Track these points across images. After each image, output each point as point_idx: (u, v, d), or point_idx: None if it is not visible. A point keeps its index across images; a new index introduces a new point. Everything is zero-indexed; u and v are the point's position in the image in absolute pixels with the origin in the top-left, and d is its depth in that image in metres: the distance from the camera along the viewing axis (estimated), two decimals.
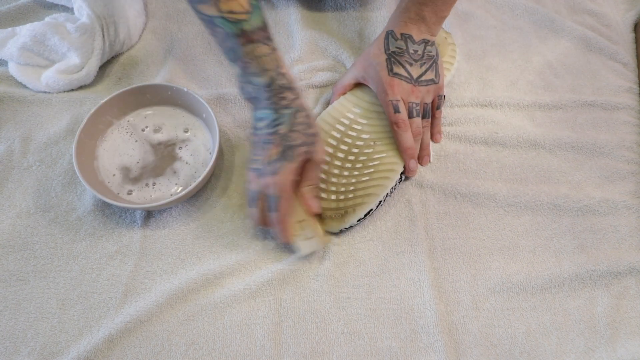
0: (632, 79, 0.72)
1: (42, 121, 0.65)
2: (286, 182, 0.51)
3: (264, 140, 0.52)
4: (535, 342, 0.52)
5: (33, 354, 0.50)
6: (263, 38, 0.51)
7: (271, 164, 0.51)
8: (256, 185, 0.53)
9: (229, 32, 0.50)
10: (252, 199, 0.54)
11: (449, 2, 0.60)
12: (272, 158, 0.51)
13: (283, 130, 0.52)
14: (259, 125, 0.53)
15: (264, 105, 0.52)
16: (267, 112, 0.52)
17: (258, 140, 0.53)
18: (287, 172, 0.51)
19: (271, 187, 0.51)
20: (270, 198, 0.52)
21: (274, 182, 0.51)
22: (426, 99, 0.61)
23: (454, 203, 0.60)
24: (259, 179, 0.52)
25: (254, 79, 0.52)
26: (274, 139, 0.52)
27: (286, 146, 0.51)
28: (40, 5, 0.75)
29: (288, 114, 0.52)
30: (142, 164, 0.60)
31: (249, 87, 0.53)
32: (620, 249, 0.58)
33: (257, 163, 0.53)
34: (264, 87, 0.52)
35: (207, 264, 0.55)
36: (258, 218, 0.54)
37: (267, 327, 0.52)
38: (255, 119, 0.54)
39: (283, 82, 0.52)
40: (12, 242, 0.56)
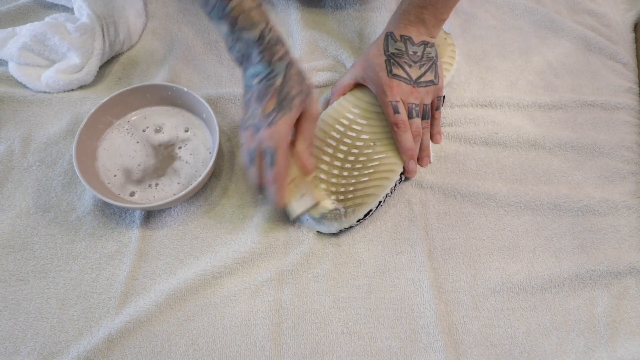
0: (632, 79, 0.72)
1: (42, 121, 0.65)
2: (283, 133, 0.50)
3: (259, 94, 0.51)
4: (535, 342, 0.52)
5: (33, 354, 0.50)
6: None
7: (268, 116, 0.50)
8: (252, 142, 0.52)
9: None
10: (249, 159, 0.53)
11: (449, 5, 0.60)
12: (269, 110, 0.50)
13: (279, 82, 0.51)
14: (252, 83, 0.52)
15: (257, 60, 0.51)
16: (261, 67, 0.51)
17: (252, 96, 0.52)
18: (284, 122, 0.50)
19: (268, 139, 0.50)
20: (268, 152, 0.51)
21: (271, 134, 0.50)
22: (425, 100, 0.61)
23: (454, 203, 0.60)
24: (256, 134, 0.51)
25: (243, 34, 0.51)
26: (270, 91, 0.51)
27: (282, 97, 0.50)
28: (40, 5, 0.75)
29: (282, 66, 0.51)
30: (144, 167, 0.60)
31: (240, 45, 0.51)
32: (620, 249, 0.58)
33: (253, 118, 0.52)
34: (255, 42, 0.51)
35: (207, 264, 0.55)
36: (257, 177, 0.53)
37: (266, 328, 0.52)
38: (249, 77, 0.53)
39: (273, 35, 0.51)
40: (12, 242, 0.56)
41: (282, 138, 0.50)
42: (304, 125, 0.53)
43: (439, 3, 0.59)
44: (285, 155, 0.51)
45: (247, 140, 0.53)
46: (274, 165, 0.51)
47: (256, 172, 0.53)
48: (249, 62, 0.52)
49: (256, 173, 0.53)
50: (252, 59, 0.52)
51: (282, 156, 0.51)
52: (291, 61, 0.52)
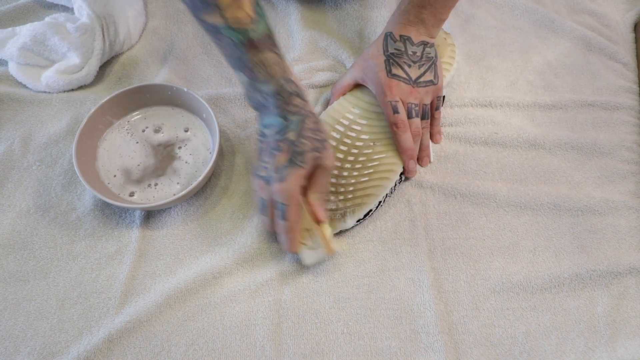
0: (632, 79, 0.72)
1: (42, 121, 0.65)
2: (294, 189, 0.50)
3: (272, 147, 0.51)
4: (535, 342, 0.52)
5: (33, 353, 0.50)
6: (270, 45, 0.50)
7: (279, 171, 0.50)
8: (264, 192, 0.52)
9: (235, 41, 0.49)
10: (262, 207, 0.53)
11: (448, 5, 0.60)
12: (281, 164, 0.50)
13: (292, 137, 0.51)
14: (266, 132, 0.53)
15: (273, 112, 0.52)
16: (276, 119, 0.52)
17: (265, 147, 0.52)
18: (296, 178, 0.50)
19: (279, 194, 0.50)
20: (279, 206, 0.51)
21: (282, 189, 0.50)
22: (425, 100, 0.61)
23: (454, 203, 0.60)
24: (267, 186, 0.52)
25: (262, 86, 0.51)
26: (282, 146, 0.51)
27: (295, 152, 0.50)
28: (40, 5, 0.75)
29: (297, 121, 0.51)
30: (144, 166, 0.60)
31: (258, 96, 0.52)
32: (620, 249, 0.58)
33: (264, 170, 0.52)
34: (272, 95, 0.51)
35: (207, 264, 0.55)
36: (269, 225, 0.54)
37: (266, 328, 0.52)
38: (263, 126, 0.53)
39: (292, 89, 0.51)
40: (12, 242, 0.56)
41: (293, 195, 0.50)
42: (318, 177, 0.53)
43: (438, 3, 0.59)
44: (295, 211, 0.51)
45: (258, 190, 0.53)
46: (285, 220, 0.51)
47: (269, 221, 0.54)
48: (265, 110, 0.53)
49: (269, 222, 0.54)
50: (269, 110, 0.52)
51: (293, 211, 0.51)
52: (308, 114, 0.52)
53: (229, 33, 0.48)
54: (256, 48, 0.49)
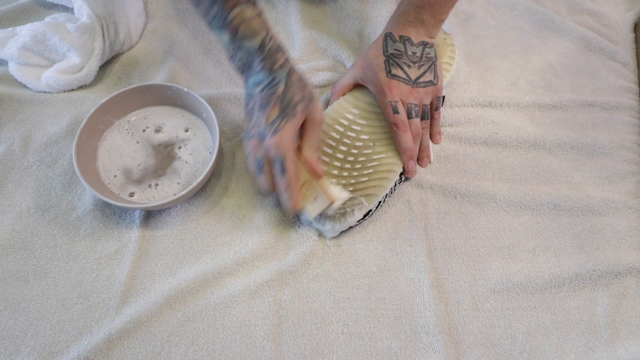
0: (632, 79, 0.72)
1: (42, 121, 0.65)
2: (289, 140, 0.50)
3: (262, 103, 0.51)
4: (535, 342, 0.52)
5: (33, 353, 0.50)
6: (248, 0, 0.51)
7: (272, 124, 0.50)
8: (259, 150, 0.52)
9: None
10: (258, 167, 0.53)
11: (447, 5, 0.60)
12: (273, 118, 0.51)
13: (281, 90, 0.51)
14: (255, 92, 0.52)
15: (259, 69, 0.52)
16: (263, 75, 0.52)
17: (255, 105, 0.52)
18: (289, 129, 0.50)
19: (275, 147, 0.50)
20: (276, 160, 0.51)
21: (278, 141, 0.50)
22: (425, 100, 0.61)
23: (454, 203, 0.60)
24: (261, 142, 0.51)
25: (245, 43, 0.51)
26: (272, 99, 0.51)
27: (285, 104, 0.51)
28: (40, 5, 0.75)
29: (284, 74, 0.51)
30: (144, 166, 0.60)
31: (241, 53, 0.52)
32: (620, 249, 0.58)
33: (258, 126, 0.52)
34: (256, 50, 0.51)
35: (207, 264, 0.55)
36: (268, 185, 0.53)
37: (266, 328, 0.52)
38: (250, 86, 0.53)
39: (274, 44, 0.52)
40: (12, 242, 0.56)
41: (288, 145, 0.50)
42: (309, 130, 0.53)
43: (437, 3, 0.59)
44: (294, 162, 0.51)
45: (252, 149, 0.53)
46: (285, 172, 0.51)
47: (268, 179, 0.53)
48: (250, 70, 0.53)
49: (268, 181, 0.53)
50: (254, 67, 0.52)
51: (291, 163, 0.51)
52: (292, 68, 0.52)
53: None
54: (235, 2, 0.50)
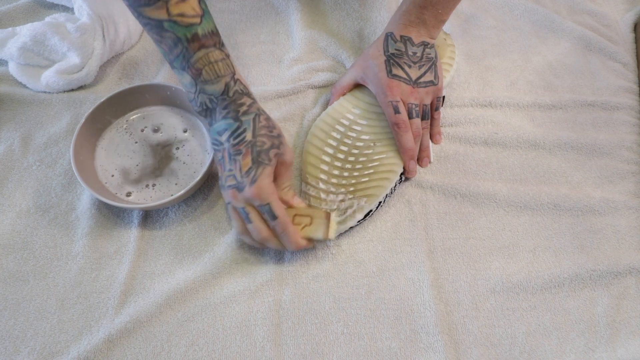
0: (632, 79, 0.72)
1: (42, 121, 0.65)
2: (269, 186, 0.49)
3: (232, 152, 0.50)
4: (535, 342, 0.52)
5: (33, 353, 0.50)
6: (216, 43, 0.49)
7: (248, 174, 0.49)
8: (239, 201, 0.50)
9: (180, 37, 0.47)
10: (245, 217, 0.51)
11: (449, 6, 0.60)
12: (247, 167, 0.49)
13: (249, 137, 0.50)
14: (221, 139, 0.51)
15: (222, 115, 0.50)
16: (228, 122, 0.50)
17: (225, 155, 0.51)
18: (266, 175, 0.49)
19: (257, 197, 0.49)
20: (263, 209, 0.50)
21: (258, 192, 0.49)
22: (425, 100, 0.61)
23: (454, 203, 0.60)
24: (240, 193, 0.50)
25: (208, 87, 0.49)
26: (242, 149, 0.49)
27: (257, 152, 0.49)
28: (40, 5, 0.75)
29: (249, 120, 0.50)
30: (142, 166, 0.60)
31: (202, 97, 0.50)
32: (620, 249, 0.58)
33: (232, 178, 0.50)
34: (219, 96, 0.50)
35: (206, 264, 0.55)
36: (264, 232, 0.50)
37: (266, 328, 0.52)
38: (215, 133, 0.51)
39: (239, 88, 0.50)
40: (11, 242, 0.56)
41: (270, 192, 0.49)
42: (282, 173, 0.52)
43: (440, 4, 0.59)
44: (280, 205, 0.50)
45: (232, 200, 0.51)
46: (276, 218, 0.50)
47: (259, 226, 0.50)
48: (212, 116, 0.51)
49: (262, 227, 0.50)
50: (216, 113, 0.50)
51: (278, 207, 0.50)
52: (258, 112, 0.51)
53: (173, 28, 0.47)
54: (202, 45, 0.48)
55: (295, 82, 0.69)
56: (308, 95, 0.68)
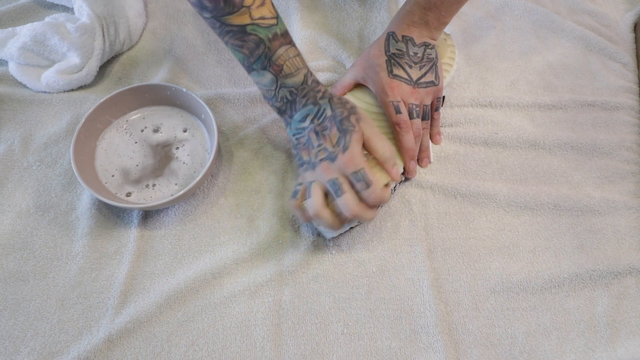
0: (632, 79, 0.72)
1: (42, 121, 0.65)
2: (360, 153, 0.51)
3: (317, 130, 0.52)
4: (535, 342, 0.52)
5: (33, 353, 0.50)
6: (290, 40, 0.53)
7: (339, 143, 0.51)
8: (332, 172, 0.51)
9: (263, 38, 0.50)
10: (337, 188, 0.50)
11: (453, 9, 0.60)
12: (336, 137, 0.51)
13: (329, 113, 0.52)
14: (303, 125, 0.53)
15: (302, 103, 0.53)
16: (309, 108, 0.53)
17: (311, 135, 0.53)
18: (356, 142, 0.51)
19: (350, 163, 0.50)
20: (358, 175, 0.50)
21: (351, 158, 0.50)
22: (425, 100, 0.61)
23: (454, 203, 0.60)
24: (333, 163, 0.51)
25: (288, 80, 0.52)
26: (327, 124, 0.52)
27: (340, 121, 0.52)
28: (40, 5, 0.75)
29: (326, 102, 0.53)
30: (142, 167, 0.60)
31: (283, 92, 0.53)
32: (620, 249, 0.58)
33: (323, 151, 0.52)
34: (299, 86, 0.53)
35: (206, 264, 0.55)
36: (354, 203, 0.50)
37: (266, 328, 0.52)
38: (297, 121, 0.54)
39: (314, 78, 0.54)
40: (12, 242, 0.56)
41: (361, 157, 0.51)
42: (371, 137, 0.53)
43: (444, 6, 0.59)
44: (370, 171, 0.51)
45: (324, 173, 0.51)
46: (370, 184, 0.50)
47: (351, 198, 0.50)
48: (292, 107, 0.54)
49: (353, 198, 0.50)
50: (297, 103, 0.53)
51: (370, 173, 0.51)
52: (331, 95, 0.54)
53: (257, 31, 0.50)
54: (281, 43, 0.51)
55: None
56: None
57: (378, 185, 0.51)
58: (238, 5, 0.49)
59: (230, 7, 0.49)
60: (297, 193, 0.54)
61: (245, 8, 0.49)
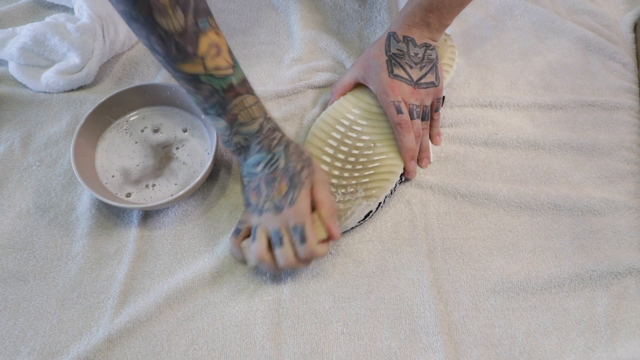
0: (632, 79, 0.72)
1: (42, 121, 0.65)
2: (306, 208, 0.51)
3: (267, 180, 0.52)
4: (535, 342, 0.52)
5: (33, 353, 0.50)
6: (247, 88, 0.51)
7: (286, 197, 0.51)
8: (277, 221, 0.51)
9: (217, 88, 0.49)
10: (277, 240, 0.51)
11: (454, 11, 0.60)
12: (284, 190, 0.51)
13: (282, 164, 0.52)
14: (255, 171, 0.53)
15: (256, 150, 0.53)
16: (262, 155, 0.52)
17: (261, 183, 0.52)
18: (303, 197, 0.51)
19: (295, 216, 0.50)
20: (297, 229, 0.50)
21: (296, 212, 0.50)
22: (425, 101, 0.61)
23: (454, 203, 0.60)
24: (279, 215, 0.51)
25: (243, 129, 0.52)
26: (277, 175, 0.52)
27: (291, 175, 0.51)
28: (40, 5, 0.75)
29: (281, 151, 0.52)
30: (142, 167, 0.60)
31: (237, 138, 0.52)
32: (620, 249, 0.58)
33: (270, 202, 0.52)
34: (254, 134, 0.52)
35: (205, 263, 0.55)
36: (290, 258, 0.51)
37: (266, 327, 0.52)
38: (249, 166, 0.53)
39: (271, 125, 0.53)
40: (12, 242, 0.56)
41: (307, 213, 0.51)
42: (319, 192, 0.53)
43: (445, 8, 0.59)
44: (312, 228, 0.51)
45: (269, 222, 0.52)
46: (306, 240, 0.50)
47: (290, 251, 0.51)
48: (247, 152, 0.53)
49: (290, 252, 0.51)
50: (251, 149, 0.53)
51: (310, 230, 0.51)
52: (287, 142, 0.53)
53: (211, 80, 0.48)
54: (237, 93, 0.50)
55: (295, 82, 0.69)
56: (308, 95, 0.68)
57: (313, 243, 0.51)
58: (191, 55, 0.46)
59: (183, 55, 0.46)
60: (239, 232, 0.54)
61: (199, 58, 0.47)
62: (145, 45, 0.48)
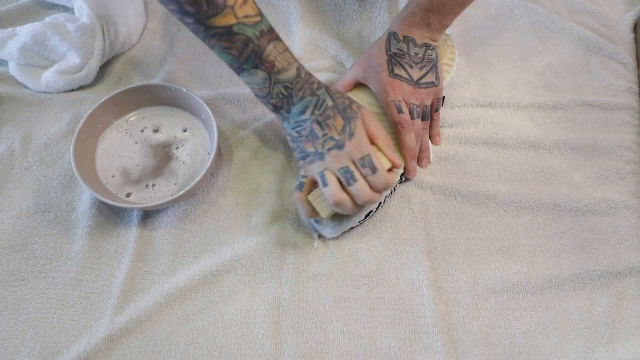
0: (632, 79, 0.72)
1: (42, 121, 0.65)
2: (366, 138, 0.51)
3: (320, 121, 0.52)
4: (535, 342, 0.52)
5: (33, 353, 0.50)
6: (277, 35, 0.52)
7: (344, 130, 0.51)
8: (341, 161, 0.51)
9: (251, 36, 0.49)
10: (349, 177, 0.50)
11: (454, 12, 0.60)
12: (341, 126, 0.51)
13: (330, 103, 0.52)
14: (304, 118, 0.53)
15: (300, 96, 0.53)
16: (307, 100, 0.53)
17: (312, 128, 0.52)
18: (360, 128, 0.51)
19: (357, 149, 0.50)
20: (365, 161, 0.50)
21: (358, 144, 0.51)
22: (426, 101, 0.61)
23: (454, 203, 0.60)
24: (342, 151, 0.51)
25: (282, 76, 0.52)
26: (329, 113, 0.52)
27: (343, 110, 0.52)
28: (40, 5, 0.75)
29: (324, 92, 0.53)
30: (142, 167, 0.60)
31: (278, 88, 0.52)
32: (620, 249, 0.58)
33: (329, 141, 0.51)
34: (294, 80, 0.52)
35: (206, 263, 0.55)
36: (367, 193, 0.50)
37: (266, 327, 0.52)
38: (296, 115, 0.53)
39: (306, 70, 0.54)
40: (12, 242, 0.56)
41: (368, 143, 0.51)
42: (371, 125, 0.53)
43: (446, 9, 0.59)
44: (377, 156, 0.51)
45: (334, 162, 0.51)
46: (375, 170, 0.50)
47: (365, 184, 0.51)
48: (290, 102, 0.53)
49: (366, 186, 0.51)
50: (294, 97, 0.53)
51: (377, 159, 0.51)
52: (326, 85, 0.54)
53: (243, 29, 0.49)
54: (269, 38, 0.51)
55: None
56: None
57: (384, 170, 0.51)
58: (221, 6, 0.47)
59: (213, 8, 0.47)
60: (302, 185, 0.54)
61: (229, 8, 0.48)
62: (175, 13, 0.49)
